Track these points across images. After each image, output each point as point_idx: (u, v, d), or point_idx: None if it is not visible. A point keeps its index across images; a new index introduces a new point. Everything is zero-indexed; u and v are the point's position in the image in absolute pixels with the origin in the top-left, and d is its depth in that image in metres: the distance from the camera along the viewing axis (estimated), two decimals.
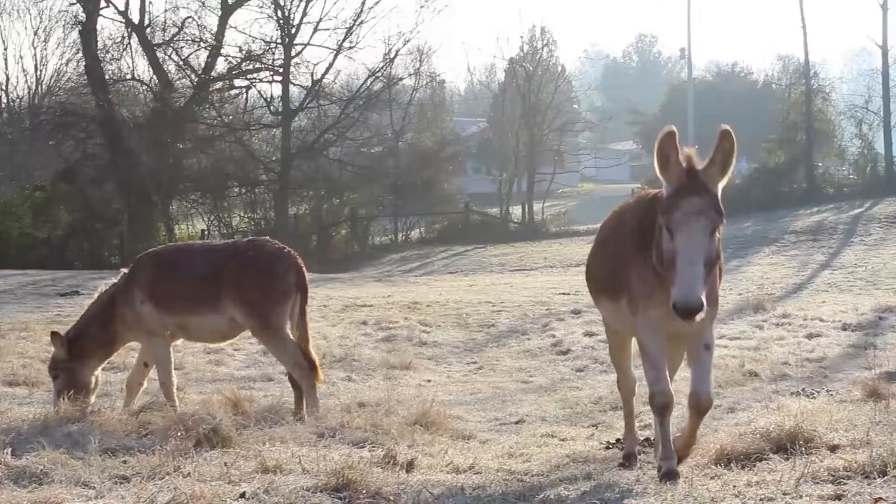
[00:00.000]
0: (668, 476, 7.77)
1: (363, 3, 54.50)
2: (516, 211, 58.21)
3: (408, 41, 57.95)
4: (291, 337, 11.51)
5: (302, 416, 10.74)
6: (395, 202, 56.50)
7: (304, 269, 11.99)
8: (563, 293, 24.70)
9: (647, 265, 8.10)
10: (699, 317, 7.28)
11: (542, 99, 61.05)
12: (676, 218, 7.44)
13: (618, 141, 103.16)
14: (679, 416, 9.13)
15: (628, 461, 8.96)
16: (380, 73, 56.80)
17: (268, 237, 12.72)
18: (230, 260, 11.56)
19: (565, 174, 69.02)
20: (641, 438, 9.82)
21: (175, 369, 11.93)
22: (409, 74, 60.89)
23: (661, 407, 8.13)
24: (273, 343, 11.58)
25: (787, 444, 8.01)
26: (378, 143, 59.07)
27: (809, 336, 16.76)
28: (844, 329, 17.07)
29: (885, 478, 6.93)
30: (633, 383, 9.77)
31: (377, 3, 55.41)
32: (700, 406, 8.16)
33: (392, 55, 57.11)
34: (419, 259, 45.71)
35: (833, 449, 7.95)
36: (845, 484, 6.92)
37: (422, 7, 57.32)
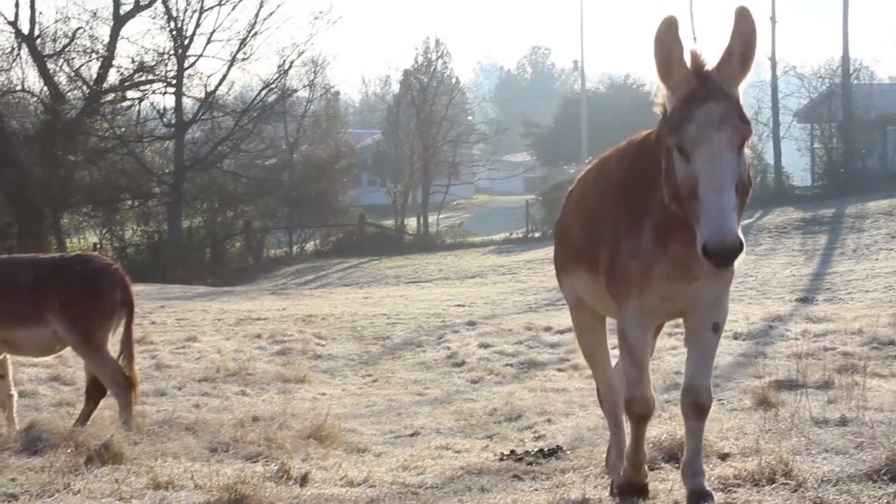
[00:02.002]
0: (698, 497, 6.58)
1: (257, 15, 54.37)
2: (411, 223, 58.22)
3: (302, 52, 57.88)
4: (112, 354, 11.34)
5: (77, 430, 10.23)
6: (290, 214, 56.32)
7: (130, 286, 11.75)
8: (459, 305, 24.77)
9: (639, 231, 6.67)
10: (739, 261, 5.84)
11: (437, 110, 61.15)
12: (691, 133, 5.95)
13: (512, 152, 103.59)
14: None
15: (624, 492, 7.24)
16: (274, 85, 56.67)
17: (96, 252, 12.49)
18: (56, 273, 11.29)
19: (460, 186, 69.22)
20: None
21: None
22: (304, 86, 60.76)
23: (641, 416, 6.98)
24: (93, 360, 11.31)
25: (678, 453, 7.82)
26: (272, 155, 58.85)
27: None
28: (735, 338, 17.29)
29: (774, 485, 7.02)
30: (618, 383, 7.99)
31: (271, 14, 55.53)
32: (700, 404, 6.80)
33: (286, 67, 57.01)
34: (314, 271, 45.56)
35: (724, 457, 8.04)
36: (735, 492, 6.99)
37: (316, 18, 57.56)
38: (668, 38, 6.14)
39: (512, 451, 9.55)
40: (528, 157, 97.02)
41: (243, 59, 54.89)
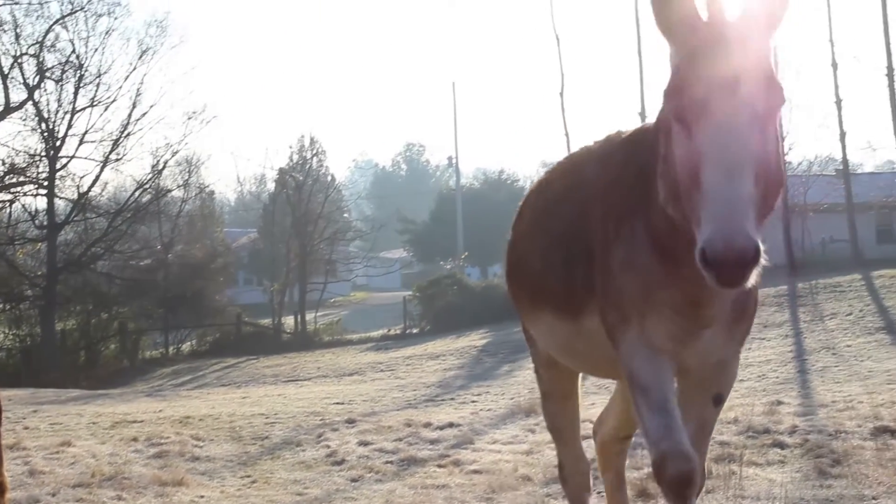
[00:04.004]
0: None
1: (130, 115, 54.28)
2: (289, 321, 58.00)
3: (176, 152, 57.80)
4: None
5: None
6: (166, 315, 55.74)
7: None
8: (338, 402, 24.67)
9: (634, 240, 5.26)
10: (752, 279, 4.19)
11: (313, 208, 61.24)
12: (697, 97, 4.41)
13: (389, 249, 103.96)
14: None
15: None
16: (148, 185, 56.42)
17: None
18: None
19: (337, 283, 69.19)
20: None
21: None
22: (178, 186, 60.68)
23: (681, 481, 5.10)
24: None
25: None
26: (147, 256, 58.39)
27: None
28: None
29: None
30: (586, 466, 7.07)
31: (144, 114, 55.14)
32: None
33: (160, 167, 56.92)
34: (191, 372, 45.03)
35: None
36: None
37: (189, 118, 57.17)
38: None
39: None
40: (405, 254, 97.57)
41: (116, 160, 54.71)
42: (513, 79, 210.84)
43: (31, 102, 52.90)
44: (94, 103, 53.99)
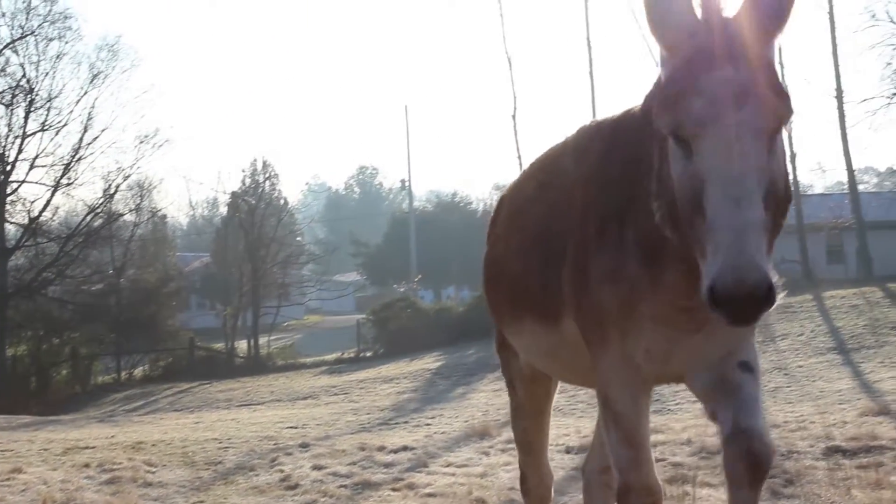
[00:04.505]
0: None
1: (81, 139, 54.08)
2: (242, 345, 57.79)
3: (128, 177, 57.60)
4: None
5: None
6: (118, 340, 55.38)
7: None
8: (291, 427, 24.58)
9: (616, 246, 4.77)
10: (765, 314, 3.80)
11: (266, 232, 61.09)
12: (695, 111, 3.94)
13: (342, 272, 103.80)
14: None
15: None
16: (100, 210, 56.07)
17: None
18: None
19: (290, 307, 68.94)
20: None
21: None
22: (130, 210, 60.37)
23: None
24: None
25: None
26: (99, 281, 57.95)
27: None
28: (568, 452, 17.45)
29: None
30: (550, 479, 6.95)
31: (95, 139, 54.93)
32: (756, 456, 4.62)
33: (112, 191, 56.60)
34: (143, 397, 44.74)
35: None
36: None
37: (141, 142, 56.96)
38: None
39: None
40: (358, 277, 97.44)
41: (68, 184, 54.51)
42: (465, 101, 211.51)
43: None
44: (45, 128, 53.78)
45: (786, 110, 4.01)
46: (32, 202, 53.82)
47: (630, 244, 4.72)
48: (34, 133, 53.54)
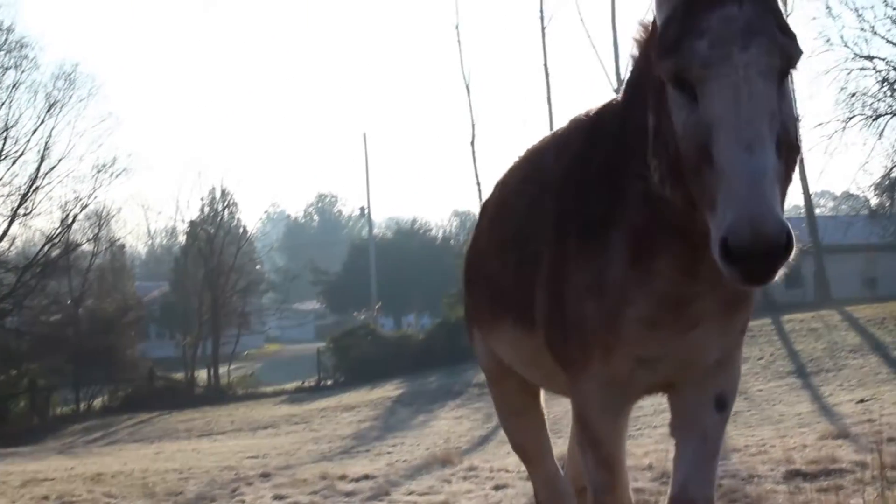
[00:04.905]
0: None
1: (38, 169, 53.76)
2: (202, 375, 57.51)
3: (86, 206, 57.33)
4: None
5: None
6: (77, 370, 54.98)
7: None
8: (252, 457, 24.48)
9: (600, 250, 4.42)
10: (781, 271, 3.49)
11: (225, 260, 60.89)
12: (699, 52, 3.65)
13: (302, 300, 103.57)
14: None
15: None
16: (57, 240, 55.72)
17: None
18: None
19: (250, 335, 68.80)
20: None
21: None
22: (88, 240, 60.02)
23: None
24: None
25: None
26: (57, 311, 57.60)
27: (496, 487, 17.05)
28: (529, 479, 17.47)
29: None
30: (566, 487, 6.39)
31: (52, 168, 54.68)
32: None
33: (70, 221, 56.27)
34: (103, 428, 44.44)
35: None
36: None
37: (99, 172, 56.72)
38: None
39: None
40: (318, 305, 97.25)
41: (25, 214, 54.23)
42: (424, 128, 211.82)
43: None
44: (2, 157, 53.46)
45: (794, 50, 3.74)
46: None
47: (615, 246, 4.38)
48: None
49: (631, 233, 4.32)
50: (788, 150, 3.67)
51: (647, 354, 4.46)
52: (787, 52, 3.69)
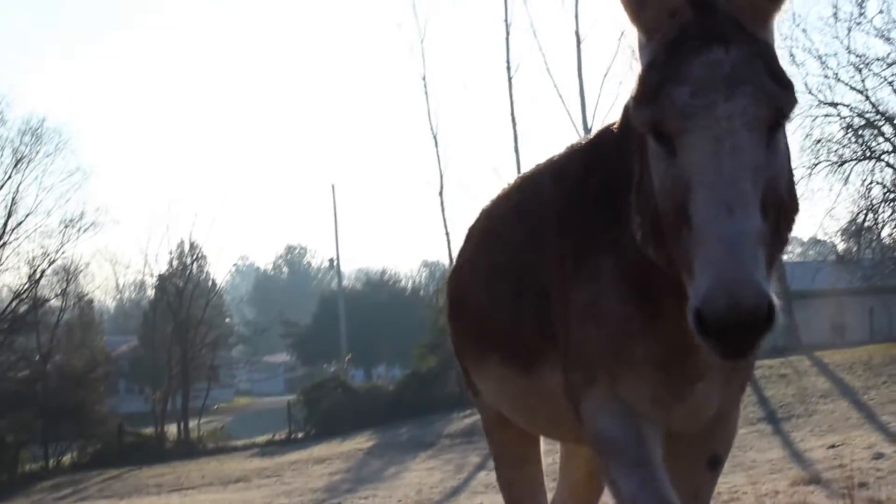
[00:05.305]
0: None
1: (5, 225, 53.57)
2: (172, 429, 57.19)
3: (53, 261, 57.11)
4: None
5: None
6: (46, 426, 54.58)
7: None
8: None
9: (603, 282, 4.13)
10: (761, 343, 3.23)
11: (194, 314, 60.68)
12: (678, 101, 3.36)
13: (272, 353, 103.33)
14: None
15: None
16: (25, 295, 55.47)
17: None
18: None
19: (220, 389, 68.52)
20: None
21: None
22: (56, 295, 59.70)
23: None
24: None
25: None
26: (25, 367, 57.23)
27: None
28: None
29: None
30: None
31: (20, 224, 54.52)
32: None
33: (37, 276, 56.01)
34: (72, 485, 44.11)
35: None
36: None
37: (66, 226, 56.60)
38: None
39: None
40: (288, 357, 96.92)
41: None
42: (393, 179, 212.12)
43: None
44: None
45: (787, 99, 3.43)
46: None
47: (617, 278, 4.08)
48: None
49: (630, 267, 4.00)
50: (778, 211, 3.41)
51: (655, 393, 4.12)
52: (777, 102, 3.39)
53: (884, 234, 46.41)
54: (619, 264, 4.04)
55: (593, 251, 4.16)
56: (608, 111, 47.01)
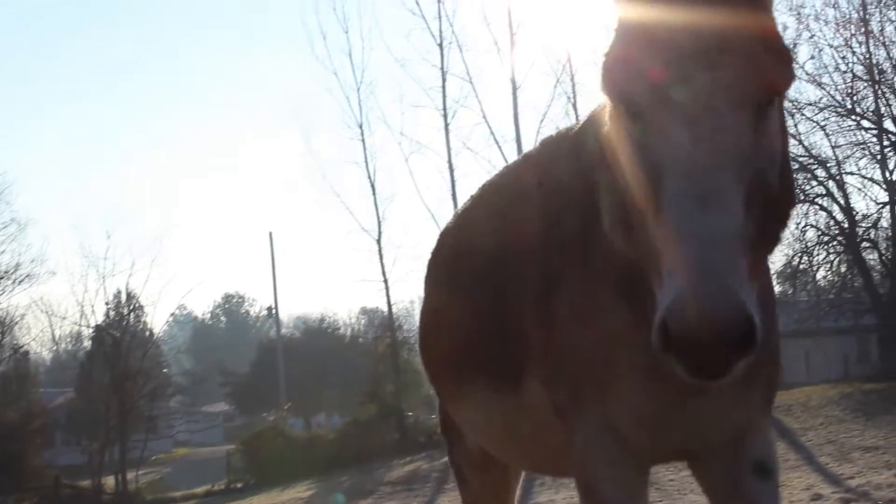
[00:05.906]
0: None
1: None
2: (109, 481, 56.63)
3: None
4: None
5: None
6: None
7: None
8: None
9: (591, 275, 3.66)
10: (740, 365, 2.67)
11: (131, 364, 60.19)
12: (654, 70, 2.88)
13: (210, 403, 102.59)
14: None
15: None
16: None
17: None
18: None
19: (159, 440, 67.99)
20: None
21: None
22: None
23: None
24: None
25: None
26: None
27: None
28: None
29: None
30: None
31: None
32: None
33: None
34: None
35: None
36: None
37: (1, 279, 56.15)
38: None
39: None
40: (227, 407, 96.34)
41: None
42: (330, 226, 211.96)
43: None
44: None
45: (782, 74, 2.92)
46: None
47: (606, 272, 3.58)
48: None
49: (616, 258, 3.43)
50: (766, 204, 2.88)
51: (647, 413, 3.61)
52: (770, 76, 2.87)
53: (819, 276, 46.95)
54: (609, 257, 3.49)
55: (579, 244, 3.72)
56: None
